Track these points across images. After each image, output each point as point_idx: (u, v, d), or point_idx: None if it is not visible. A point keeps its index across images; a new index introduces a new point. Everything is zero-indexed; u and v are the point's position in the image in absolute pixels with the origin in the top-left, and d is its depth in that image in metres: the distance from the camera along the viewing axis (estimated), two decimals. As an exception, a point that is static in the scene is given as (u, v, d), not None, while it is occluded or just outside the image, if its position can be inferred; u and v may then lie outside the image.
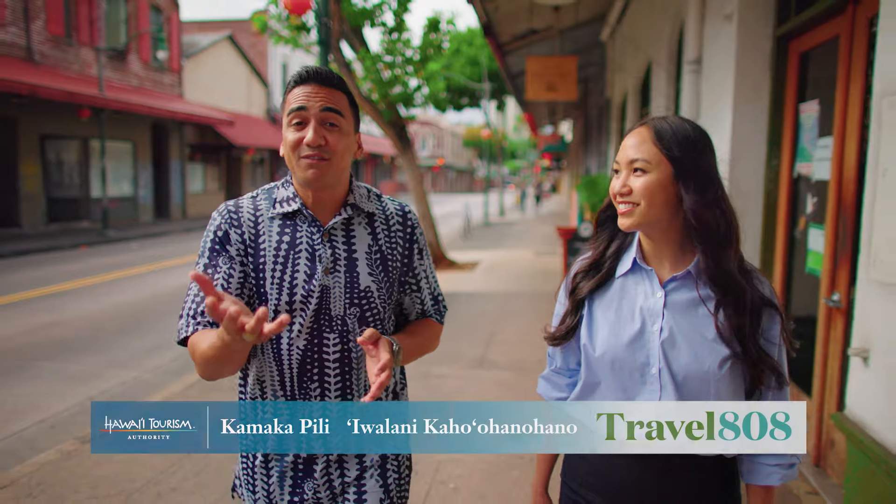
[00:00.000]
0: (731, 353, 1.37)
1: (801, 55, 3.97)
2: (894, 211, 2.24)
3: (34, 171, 17.65)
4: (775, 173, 4.21)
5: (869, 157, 2.42)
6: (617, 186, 1.40)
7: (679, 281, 1.42)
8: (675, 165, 1.37)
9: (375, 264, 1.57)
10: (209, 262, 1.54)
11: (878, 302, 2.34)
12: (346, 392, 1.55)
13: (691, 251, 1.44)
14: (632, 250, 1.48)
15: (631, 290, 1.46)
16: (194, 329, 1.46)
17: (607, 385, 1.46)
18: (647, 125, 1.41)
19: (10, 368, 5.79)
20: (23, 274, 11.12)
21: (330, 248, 1.54)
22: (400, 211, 1.65)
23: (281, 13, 10.15)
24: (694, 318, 1.40)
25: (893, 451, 2.20)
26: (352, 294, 1.53)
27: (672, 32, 6.44)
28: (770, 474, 1.40)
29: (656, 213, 1.38)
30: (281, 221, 1.55)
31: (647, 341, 1.41)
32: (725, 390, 1.38)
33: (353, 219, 1.59)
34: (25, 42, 17.06)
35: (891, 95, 2.29)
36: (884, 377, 2.30)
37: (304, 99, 1.49)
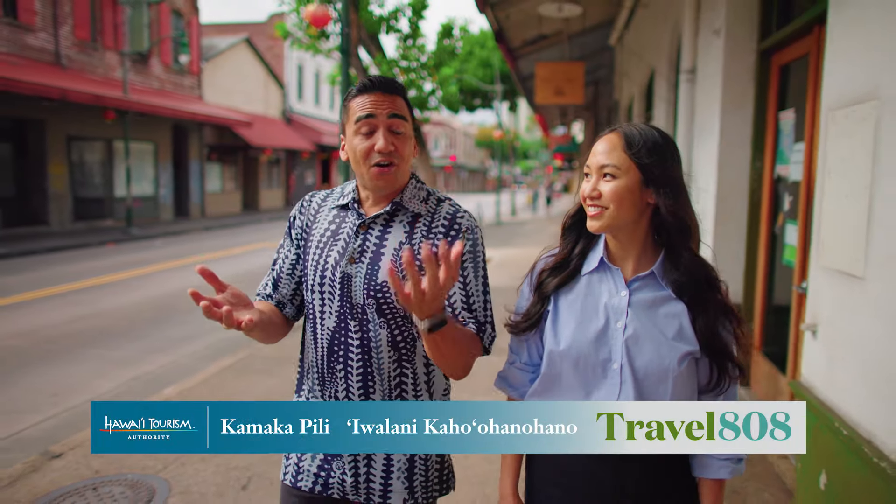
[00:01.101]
0: (689, 350, 1.43)
1: (781, 67, 4.38)
2: (837, 208, 2.67)
3: (61, 171, 18.29)
4: (758, 174, 4.62)
5: (819, 162, 2.84)
6: (587, 190, 1.46)
7: (642, 281, 1.47)
8: (643, 172, 1.42)
9: (401, 262, 1.59)
10: (281, 243, 1.76)
11: (825, 284, 2.76)
12: (368, 378, 1.60)
13: (654, 253, 1.49)
14: (598, 250, 1.52)
15: (596, 288, 1.51)
16: (254, 300, 1.70)
17: (568, 379, 1.50)
18: (617, 132, 1.46)
19: (57, 354, 6.30)
20: (56, 269, 11.68)
21: (361, 239, 1.61)
22: (450, 214, 1.64)
23: (301, 22, 10.62)
24: (655, 316, 1.45)
25: (833, 409, 2.62)
26: (369, 285, 1.57)
27: (672, 42, 6.84)
28: (720, 468, 1.46)
29: (624, 216, 1.43)
30: (336, 212, 1.68)
31: (610, 338, 1.46)
32: (682, 386, 1.44)
33: (396, 216, 1.63)
34: (54, 47, 17.70)
35: (833, 110, 2.70)
36: (827, 347, 2.72)
37: (372, 107, 1.56)
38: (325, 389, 1.63)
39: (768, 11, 4.49)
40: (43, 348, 6.46)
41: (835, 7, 2.74)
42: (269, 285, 1.73)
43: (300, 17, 10.53)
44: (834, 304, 2.67)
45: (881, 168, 2.29)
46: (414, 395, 1.63)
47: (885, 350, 2.25)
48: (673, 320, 1.44)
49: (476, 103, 29.15)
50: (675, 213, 1.43)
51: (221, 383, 5.22)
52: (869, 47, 2.44)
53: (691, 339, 1.43)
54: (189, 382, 5.30)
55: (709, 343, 1.42)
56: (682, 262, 1.45)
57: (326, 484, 1.64)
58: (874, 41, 2.40)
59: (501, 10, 8.94)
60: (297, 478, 1.68)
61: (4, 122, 16.66)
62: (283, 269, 1.71)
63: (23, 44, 16.67)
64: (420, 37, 11.76)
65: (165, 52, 22.56)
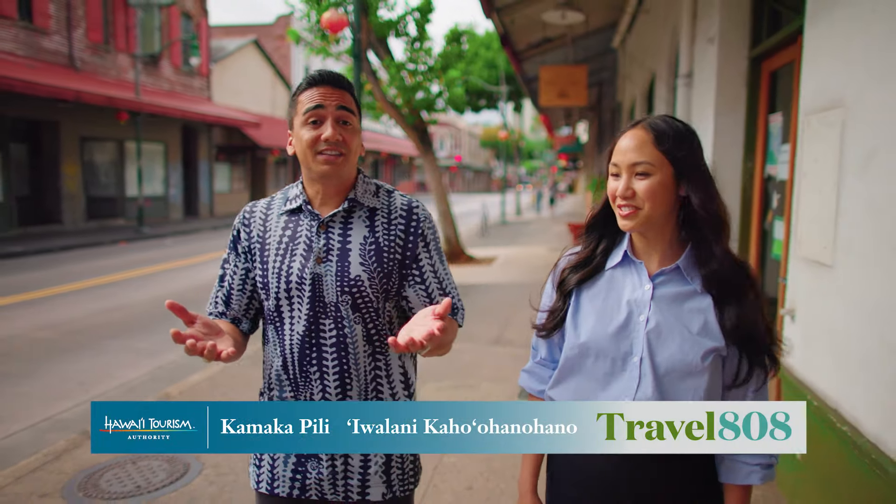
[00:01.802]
0: (714, 346, 1.39)
1: (770, 73, 4.66)
2: (810, 204, 2.95)
3: (75, 172, 18.66)
4: (750, 174, 4.90)
5: (797, 162, 3.12)
6: (620, 189, 1.41)
7: (667, 275, 1.45)
8: (675, 166, 1.40)
9: (369, 255, 1.61)
10: (226, 258, 1.75)
11: (800, 273, 3.05)
12: (345, 375, 1.62)
13: (680, 247, 1.46)
14: (623, 245, 1.50)
15: (619, 282, 1.49)
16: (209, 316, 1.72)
17: (586, 371, 1.49)
18: (643, 127, 1.42)
19: (84, 345, 6.62)
20: (73, 266, 12.02)
21: (325, 238, 1.62)
22: (406, 205, 1.68)
23: (312, 26, 10.92)
24: (680, 311, 1.42)
25: (808, 385, 2.90)
26: (342, 282, 1.60)
27: (671, 47, 7.12)
28: (750, 473, 1.41)
29: (658, 213, 1.41)
30: (287, 217, 1.68)
31: (632, 331, 1.44)
32: (705, 385, 1.40)
33: (353, 212, 1.66)
34: (68, 49, 18.07)
35: (807, 115, 2.99)
36: (802, 329, 3.00)
37: (321, 98, 1.59)
38: (300, 394, 1.64)
39: (759, 21, 4.77)
40: (71, 340, 6.78)
41: (809, 22, 3.02)
42: (219, 303, 1.73)
43: (312, 22, 10.82)
44: (808, 289, 2.96)
45: (845, 168, 2.58)
46: (389, 387, 1.67)
47: (849, 330, 2.53)
48: (698, 315, 1.41)
49: (481, 104, 29.46)
50: (708, 207, 1.41)
51: (241, 371, 5.52)
52: (836, 59, 2.72)
53: (717, 335, 1.40)
54: (211, 370, 5.60)
55: (743, 334, 1.39)
56: (714, 256, 1.41)
57: (304, 486, 1.65)
58: (841, 54, 2.68)
59: (507, 15, 9.23)
60: (273, 484, 1.68)
61: (20, 123, 17.03)
62: (234, 284, 1.71)
63: (38, 47, 17.05)
64: (427, 40, 12.05)
65: (175, 54, 22.93)
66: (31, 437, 4.36)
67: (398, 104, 11.84)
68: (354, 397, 1.62)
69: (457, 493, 3.42)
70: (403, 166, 52.76)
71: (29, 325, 7.31)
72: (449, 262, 13.16)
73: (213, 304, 1.73)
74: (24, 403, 4.94)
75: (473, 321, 7.30)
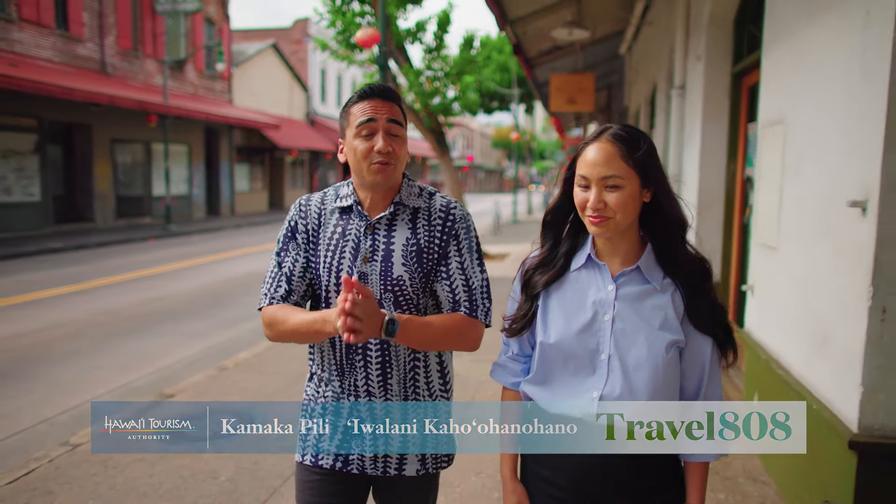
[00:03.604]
0: (674, 339, 1.48)
1: (749, 87, 5.34)
2: (764, 200, 3.64)
3: (106, 172, 19.55)
4: (732, 175, 5.58)
5: (756, 165, 3.82)
6: (592, 202, 1.47)
7: (628, 276, 1.53)
8: (641, 175, 1.47)
9: (410, 256, 1.71)
10: (283, 247, 1.80)
11: (757, 255, 3.74)
12: (386, 365, 1.74)
13: (640, 247, 1.55)
14: (586, 247, 1.58)
15: (584, 283, 1.56)
16: (269, 302, 1.76)
17: (559, 371, 1.56)
18: (608, 140, 1.48)
19: (139, 328, 7.40)
20: (110, 261, 12.85)
21: (371, 240, 1.73)
22: (444, 207, 1.78)
23: (337, 35, 11.68)
24: (642, 309, 1.50)
25: (762, 346, 3.59)
26: (386, 281, 1.70)
27: (669, 60, 7.80)
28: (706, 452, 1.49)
29: (627, 221, 1.49)
30: (339, 214, 1.78)
31: (598, 330, 1.51)
32: (668, 376, 1.48)
33: (398, 214, 1.76)
34: (100, 56, 18.96)
35: (764, 128, 3.68)
36: (758, 301, 3.70)
37: (373, 111, 1.68)
38: (345, 379, 1.76)
39: (740, 42, 5.45)
40: (127, 324, 7.57)
41: (765, 54, 3.72)
42: (281, 287, 1.78)
43: (338, 31, 11.58)
44: (762, 269, 3.66)
45: (785, 171, 3.28)
46: (426, 378, 1.80)
47: (787, 299, 3.23)
48: (658, 311, 1.49)
49: (494, 106, 30.12)
50: (674, 209, 1.51)
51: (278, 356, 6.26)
52: (781, 84, 3.42)
53: (676, 328, 1.49)
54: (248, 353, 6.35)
55: (711, 322, 1.49)
56: (682, 254, 1.52)
57: (347, 460, 1.78)
58: (783, 80, 3.38)
59: (519, 27, 9.93)
60: (318, 457, 1.80)
61: (56, 126, 17.91)
62: (295, 271, 1.78)
63: (73, 53, 17.94)
64: (444, 48, 12.79)
65: (199, 59, 23.80)
66: (111, 401, 5.12)
67: (416, 108, 12.58)
68: (394, 385, 1.75)
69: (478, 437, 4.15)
70: (416, 166, 53.49)
71: (88, 311, 8.12)
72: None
73: (274, 288, 1.78)
74: (101, 374, 5.71)
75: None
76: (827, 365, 2.70)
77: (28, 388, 5.29)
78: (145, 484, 3.54)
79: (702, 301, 1.49)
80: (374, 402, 1.74)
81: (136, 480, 3.57)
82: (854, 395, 2.40)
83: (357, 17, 11.32)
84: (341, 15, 11.40)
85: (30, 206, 16.75)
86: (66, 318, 7.75)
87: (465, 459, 3.81)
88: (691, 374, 1.51)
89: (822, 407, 2.67)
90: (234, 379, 5.39)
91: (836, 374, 2.60)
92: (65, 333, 7.05)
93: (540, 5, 8.82)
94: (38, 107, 16.17)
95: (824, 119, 2.81)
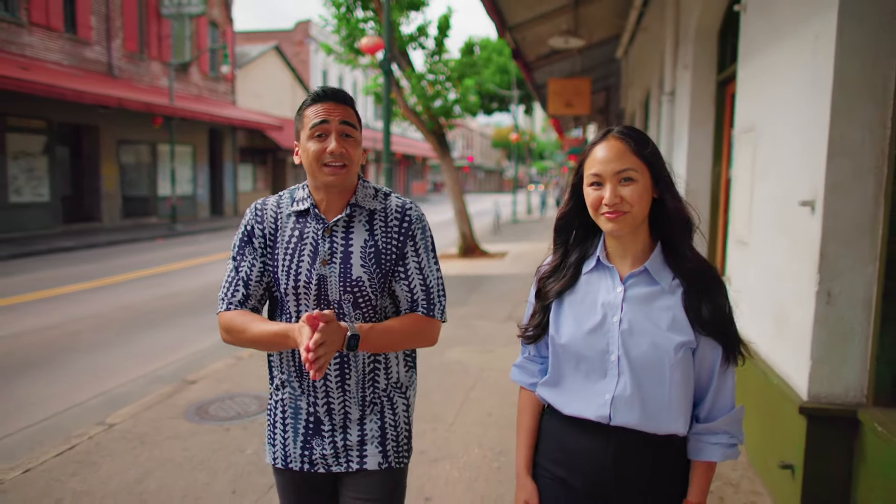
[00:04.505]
0: (683, 340, 1.49)
1: (732, 95, 5.72)
2: (738, 199, 4.03)
3: (112, 173, 19.94)
4: (717, 176, 5.97)
5: (731, 168, 4.20)
6: (608, 197, 1.48)
7: (636, 277, 1.55)
8: (652, 171, 1.51)
9: (368, 258, 1.74)
10: (239, 251, 1.81)
11: (733, 250, 4.13)
12: (344, 366, 1.77)
13: (649, 249, 1.57)
14: (597, 250, 1.60)
15: (594, 286, 1.58)
16: (227, 308, 1.79)
17: (572, 372, 1.59)
18: (616, 137, 1.51)
19: (154, 323, 7.78)
20: (122, 259, 13.23)
21: (329, 242, 1.74)
22: (400, 208, 1.80)
23: (344, 39, 12.06)
24: (650, 310, 1.52)
25: (737, 332, 3.98)
26: (345, 283, 1.72)
27: (660, 68, 8.19)
28: (713, 452, 1.54)
29: (641, 216, 1.51)
30: (295, 218, 1.79)
31: (607, 331, 1.53)
32: (679, 377, 1.50)
33: (354, 216, 1.78)
34: (107, 58, 19.35)
35: (739, 134, 4.06)
36: (733, 292, 4.07)
37: (326, 114, 1.69)
38: (303, 381, 1.80)
39: (724, 52, 5.83)
40: (147, 318, 7.96)
41: (740, 66, 4.11)
42: (238, 291, 1.79)
43: (342, 37, 11.96)
44: (737, 261, 4.05)
45: (755, 174, 3.66)
46: (386, 376, 1.83)
47: (756, 288, 3.61)
48: (666, 312, 1.50)
49: (493, 107, 30.50)
50: (680, 208, 1.53)
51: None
52: (752, 95, 3.81)
53: (686, 329, 1.49)
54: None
55: (716, 327, 1.49)
56: (687, 254, 1.53)
57: (311, 461, 1.82)
58: (754, 92, 3.76)
59: (518, 33, 10.32)
60: (287, 460, 1.85)
61: (64, 128, 18.30)
62: (252, 276, 1.79)
63: (81, 56, 18.33)
64: (445, 52, 13.17)
65: (203, 61, 24.20)
66: (139, 386, 5.49)
67: (418, 111, 12.96)
68: (352, 385, 1.78)
69: (479, 416, 4.53)
70: (417, 167, 53.89)
71: (108, 306, 8.51)
72: (464, 256, 14.36)
73: (231, 293, 1.79)
74: (128, 363, 6.09)
75: (490, 304, 8.45)
76: (785, 344, 3.08)
77: (60, 376, 5.68)
78: (179, 456, 3.92)
79: (704, 305, 1.49)
80: (333, 401, 1.78)
81: (171, 453, 3.95)
82: (804, 368, 2.79)
83: (360, 24, 11.71)
84: (346, 21, 11.78)
85: (39, 207, 17.15)
86: (87, 312, 8.14)
87: (468, 434, 4.20)
88: (701, 375, 1.54)
89: (782, 381, 3.06)
90: (251, 367, 5.77)
91: (792, 352, 2.98)
92: (89, 326, 7.44)
93: (538, 12, 9.21)
94: (47, 109, 16.57)
95: (785, 128, 3.19)
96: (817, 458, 2.75)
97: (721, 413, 1.54)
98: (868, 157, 2.59)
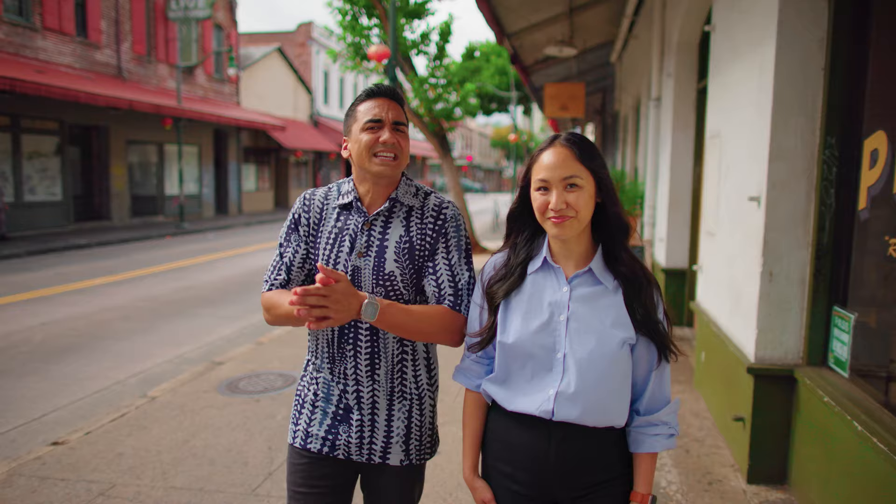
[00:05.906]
0: (625, 336, 1.55)
1: (710, 102, 6.28)
2: (708, 196, 4.58)
3: (121, 172, 20.48)
4: (698, 177, 6.52)
5: (703, 169, 4.76)
6: (555, 203, 1.53)
7: (581, 277, 1.60)
8: (596, 179, 1.56)
9: (402, 253, 1.78)
10: (286, 238, 1.88)
11: (704, 241, 4.69)
12: (374, 356, 1.81)
13: (591, 250, 1.63)
14: (542, 251, 1.64)
15: (540, 286, 1.62)
16: (269, 288, 1.86)
17: (518, 370, 1.62)
18: (563, 145, 1.57)
19: (177, 312, 8.34)
20: (136, 256, 13.78)
21: (367, 235, 1.79)
22: (437, 206, 1.84)
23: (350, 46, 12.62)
24: (595, 308, 1.57)
25: (707, 313, 4.52)
26: (378, 276, 1.77)
27: (649, 75, 8.75)
28: (654, 444, 1.60)
29: (585, 220, 1.57)
30: (339, 210, 1.84)
31: (553, 329, 1.57)
32: (620, 372, 1.56)
33: (394, 211, 1.82)
34: (116, 61, 19.89)
35: (709, 139, 4.62)
36: (704, 278, 4.64)
37: (380, 109, 1.76)
38: (335, 367, 1.84)
39: (703, 62, 6.39)
40: (168, 309, 8.51)
41: (710, 78, 4.67)
42: (281, 273, 1.87)
43: (348, 43, 12.52)
44: (707, 251, 4.61)
45: (721, 174, 4.22)
46: (413, 370, 1.87)
47: (720, 274, 4.17)
48: (610, 310, 1.57)
49: (492, 107, 31.03)
50: (619, 213, 1.59)
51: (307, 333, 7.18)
52: (719, 105, 4.36)
53: (628, 326, 1.56)
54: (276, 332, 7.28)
55: (648, 327, 1.56)
56: (621, 257, 1.59)
57: (334, 446, 1.84)
58: (720, 102, 4.32)
59: (516, 40, 10.88)
60: (307, 441, 1.87)
61: (75, 129, 18.83)
62: (295, 261, 1.86)
63: (91, 59, 18.87)
64: (446, 57, 13.74)
65: (208, 63, 24.73)
66: (171, 367, 6.05)
67: (420, 113, 13.52)
68: (381, 375, 1.82)
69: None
70: (417, 166, 54.43)
71: (131, 298, 9.07)
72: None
73: (274, 275, 1.87)
74: (156, 349, 6.65)
75: (488, 295, 8.99)
76: (739, 317, 3.64)
77: (95, 359, 6.23)
78: (218, 421, 4.47)
79: (637, 306, 1.56)
80: (362, 390, 1.82)
81: (210, 419, 4.51)
82: (752, 335, 3.34)
83: (365, 31, 12.26)
84: (352, 29, 12.33)
85: (53, 205, 17.69)
86: (112, 303, 8.70)
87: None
88: (640, 370, 1.61)
89: (737, 349, 3.62)
90: (272, 350, 6.32)
91: (743, 323, 3.54)
92: (116, 316, 7.99)
93: (535, 20, 9.76)
94: (60, 110, 17.11)
95: (740, 135, 3.75)
96: (762, 410, 3.31)
97: (659, 406, 1.62)
98: (801, 160, 3.15)
